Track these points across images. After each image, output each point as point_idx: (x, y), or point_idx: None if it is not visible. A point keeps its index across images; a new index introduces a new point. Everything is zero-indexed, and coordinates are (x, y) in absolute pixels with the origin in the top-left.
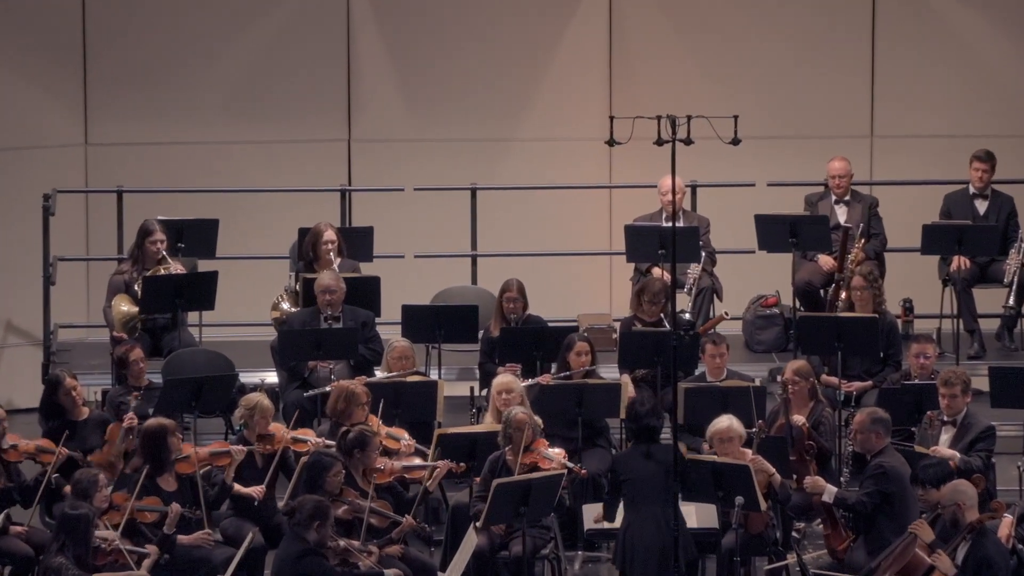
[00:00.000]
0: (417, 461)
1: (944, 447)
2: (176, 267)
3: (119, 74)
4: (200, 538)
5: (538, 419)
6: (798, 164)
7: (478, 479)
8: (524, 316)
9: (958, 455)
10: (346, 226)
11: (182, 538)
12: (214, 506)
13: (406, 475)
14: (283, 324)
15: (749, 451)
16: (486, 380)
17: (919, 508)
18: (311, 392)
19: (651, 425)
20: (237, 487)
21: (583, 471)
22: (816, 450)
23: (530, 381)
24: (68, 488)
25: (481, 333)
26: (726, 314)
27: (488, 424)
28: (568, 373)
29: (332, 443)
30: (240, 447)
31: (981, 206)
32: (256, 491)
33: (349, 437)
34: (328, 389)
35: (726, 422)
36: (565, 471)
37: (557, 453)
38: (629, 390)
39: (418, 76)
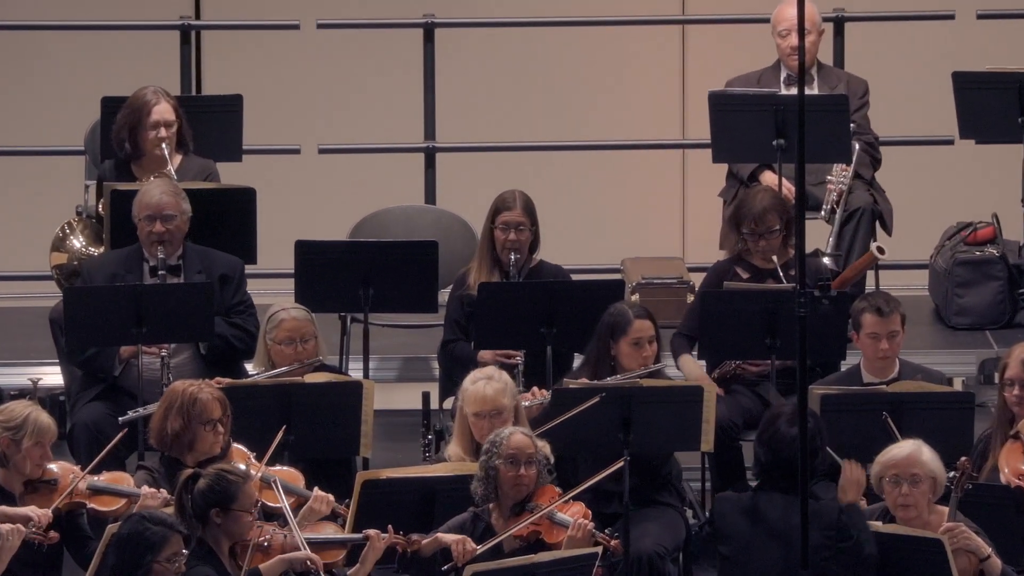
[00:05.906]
0: (330, 530)
1: None
2: None
3: None
4: None
5: (547, 449)
6: None
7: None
8: (533, 261)
9: None
10: (192, 94)
11: None
12: None
13: (310, 561)
14: (74, 276)
15: (944, 510)
16: (454, 380)
17: None
18: (130, 415)
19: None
20: None
21: (614, 541)
22: None
23: (527, 402)
24: None
25: (447, 292)
26: (880, 251)
27: (457, 463)
28: (622, 376)
29: (169, 496)
30: (12, 527)
31: None
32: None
33: (200, 486)
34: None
35: (908, 447)
36: (599, 548)
37: (576, 513)
38: (715, 399)
39: None
